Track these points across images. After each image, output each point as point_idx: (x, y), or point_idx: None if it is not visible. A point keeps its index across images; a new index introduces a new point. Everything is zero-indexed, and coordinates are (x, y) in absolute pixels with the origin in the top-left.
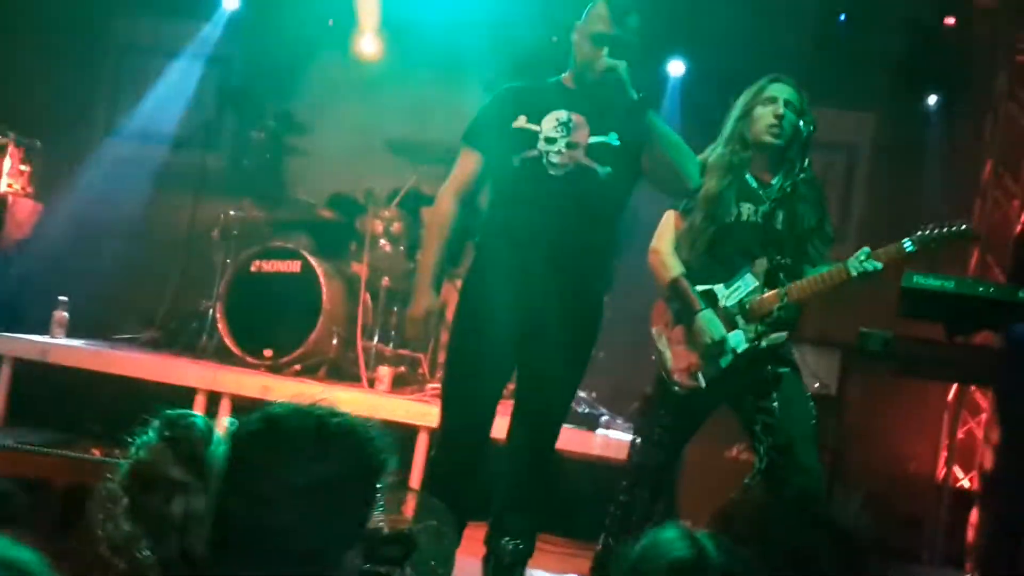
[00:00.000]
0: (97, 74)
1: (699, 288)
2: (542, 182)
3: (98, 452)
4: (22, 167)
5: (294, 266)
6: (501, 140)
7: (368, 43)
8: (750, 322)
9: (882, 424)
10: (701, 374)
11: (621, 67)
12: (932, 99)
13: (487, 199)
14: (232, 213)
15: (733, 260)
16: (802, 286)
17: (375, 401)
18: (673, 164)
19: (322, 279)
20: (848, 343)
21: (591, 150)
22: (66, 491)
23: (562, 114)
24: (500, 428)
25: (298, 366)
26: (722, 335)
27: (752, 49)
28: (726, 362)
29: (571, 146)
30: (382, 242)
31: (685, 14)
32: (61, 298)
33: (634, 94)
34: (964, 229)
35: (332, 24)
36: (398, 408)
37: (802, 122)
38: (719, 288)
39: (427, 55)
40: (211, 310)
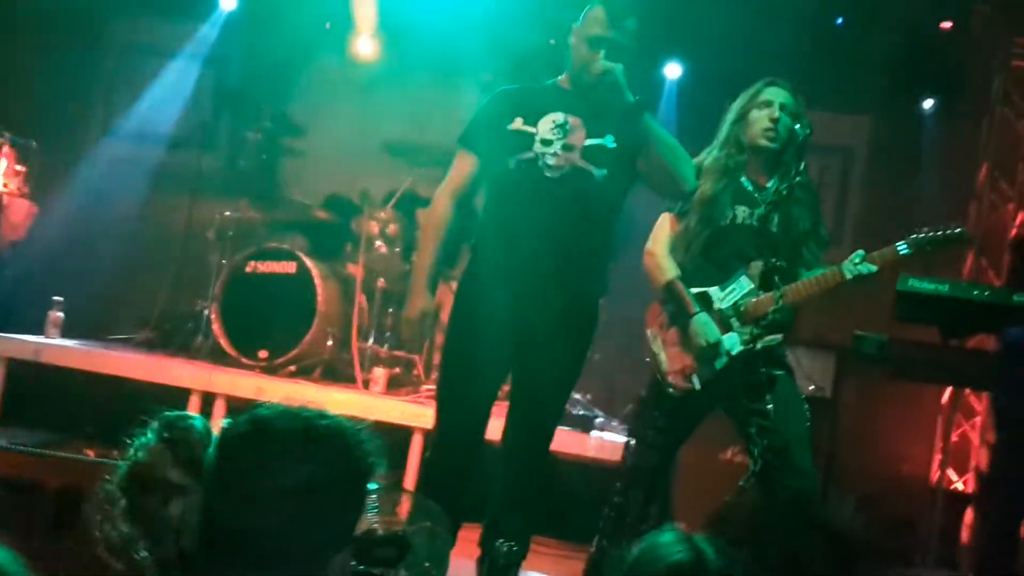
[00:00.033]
0: (94, 74)
1: (694, 290)
2: (538, 184)
3: (92, 453)
4: (17, 167)
5: (289, 267)
6: (497, 142)
7: (365, 45)
8: (745, 324)
9: (876, 426)
10: (696, 376)
11: (617, 70)
12: (928, 103)
13: (483, 201)
14: (228, 214)
15: (728, 263)
16: (797, 288)
17: (370, 402)
18: (669, 167)
19: (317, 280)
20: (843, 346)
21: (587, 152)
22: (60, 492)
23: (558, 116)
24: (495, 430)
25: (293, 367)
26: (717, 338)
27: (749, 52)
28: (721, 364)
29: (567, 148)
30: (378, 243)
31: (682, 17)
32: (56, 298)
33: (630, 96)
34: (959, 232)
35: (329, 26)
36: (393, 409)
37: (798, 125)
38: (714, 291)
39: (424, 57)
40: (206, 311)
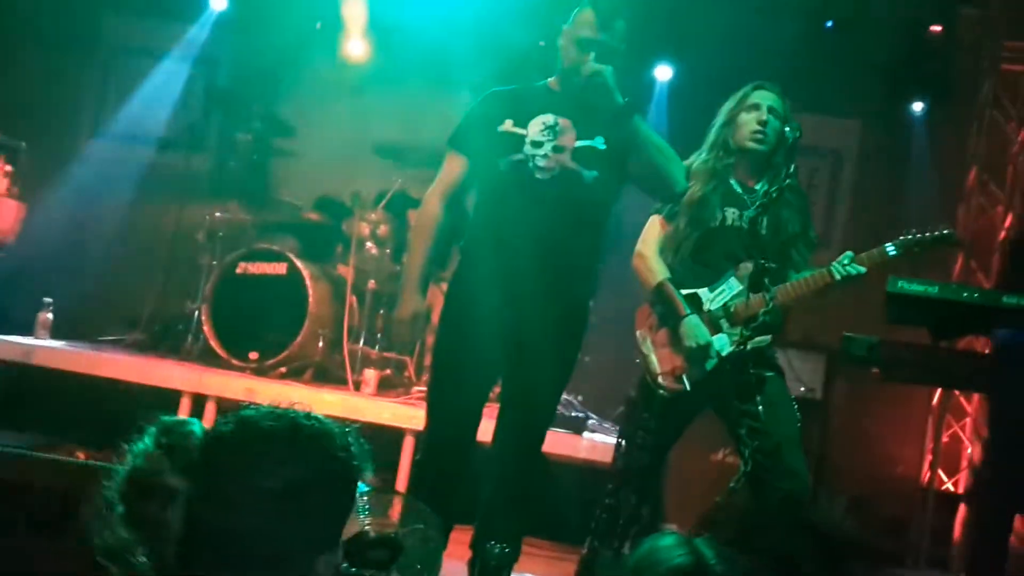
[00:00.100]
0: (83, 75)
1: (684, 292)
2: (528, 186)
3: (82, 455)
4: (6, 167)
5: (280, 268)
6: (487, 144)
7: (355, 46)
8: (735, 325)
9: (867, 428)
10: (686, 377)
11: (607, 71)
12: (918, 106)
13: (473, 203)
14: (218, 215)
15: (718, 264)
16: (787, 290)
17: (361, 404)
18: (659, 168)
19: (308, 281)
20: (833, 347)
21: (577, 154)
22: (49, 494)
23: (548, 118)
24: (486, 431)
25: (284, 369)
26: (707, 340)
27: (739, 54)
28: (711, 365)
29: (557, 150)
30: (368, 245)
31: (673, 19)
32: (45, 300)
33: (620, 98)
34: (947, 234)
35: (320, 27)
36: (384, 411)
37: (787, 128)
38: (703, 292)
39: (415, 58)
40: (196, 312)
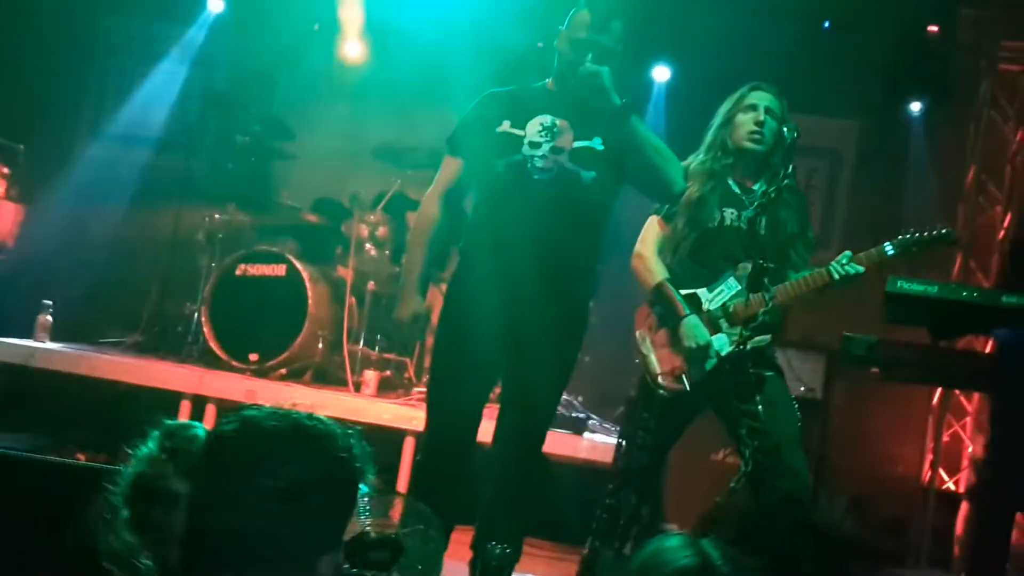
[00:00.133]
0: (81, 77)
1: (683, 292)
2: (526, 187)
3: (83, 457)
4: (5, 170)
5: (279, 270)
6: (485, 145)
7: (353, 47)
8: (734, 325)
9: (867, 427)
10: (685, 377)
11: (604, 72)
12: (916, 106)
13: (472, 204)
14: (217, 217)
15: (716, 264)
16: (786, 289)
17: (361, 405)
18: (657, 169)
19: (307, 283)
20: (833, 347)
21: (575, 154)
22: (50, 496)
23: (546, 119)
24: (486, 432)
25: (284, 370)
26: (707, 340)
27: (737, 55)
28: (710, 365)
29: (555, 151)
30: (367, 246)
31: (670, 20)
32: (45, 302)
33: (617, 99)
34: (945, 233)
35: (318, 28)
36: (384, 412)
37: (785, 129)
38: (702, 292)
39: (412, 60)
40: (196, 314)
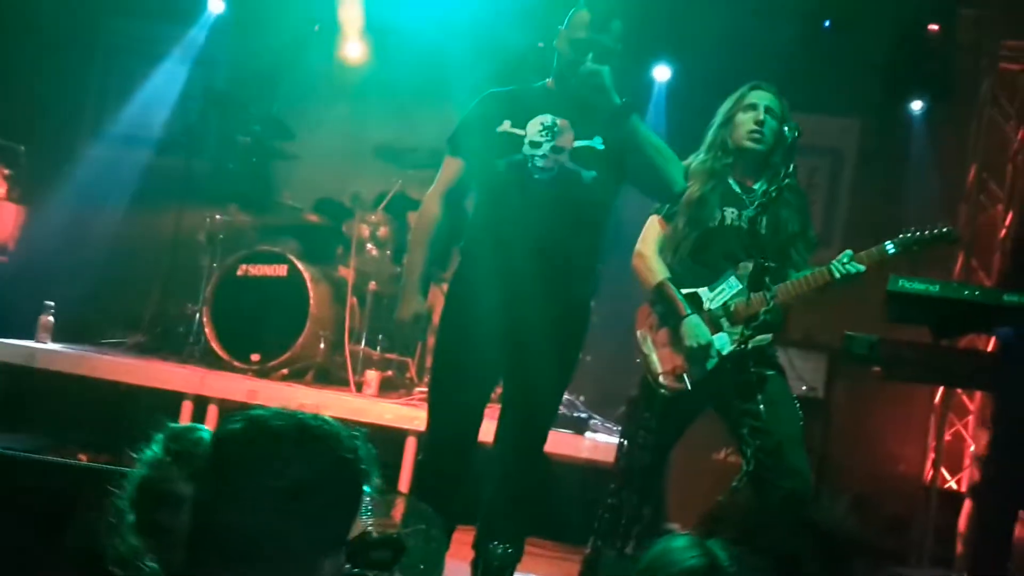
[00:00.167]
0: (82, 77)
1: (684, 291)
2: (527, 186)
3: (84, 457)
4: (6, 171)
5: (281, 270)
6: (486, 144)
7: (353, 48)
8: (735, 324)
9: (869, 426)
10: (687, 376)
11: (604, 72)
12: (917, 105)
13: (473, 203)
14: (218, 217)
15: (717, 264)
16: (788, 288)
17: (363, 405)
18: (657, 168)
19: (309, 283)
20: (834, 346)
21: (576, 154)
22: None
23: (547, 118)
24: (488, 432)
25: (285, 370)
26: (708, 339)
27: (738, 54)
28: (712, 364)
29: (556, 150)
30: (369, 246)
31: (671, 20)
32: (47, 302)
33: (617, 98)
34: (946, 232)
35: (318, 28)
36: (386, 412)
37: (787, 128)
38: (703, 291)
39: (412, 60)
40: (198, 314)
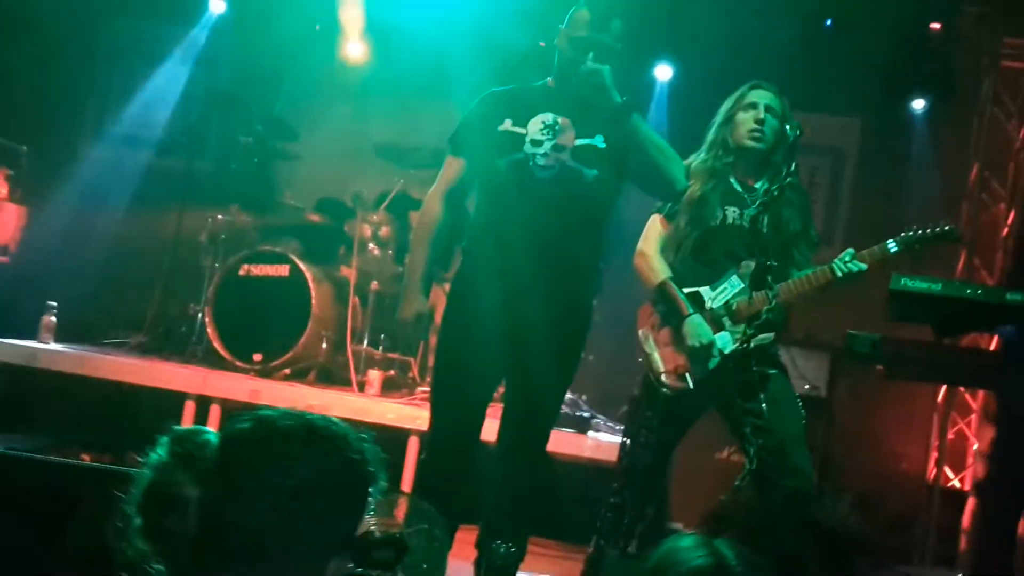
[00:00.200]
0: (85, 77)
1: (686, 290)
2: (529, 185)
3: (87, 457)
4: (8, 171)
5: (283, 270)
6: (487, 143)
7: (354, 48)
8: (737, 323)
9: (872, 425)
10: (689, 375)
11: (604, 70)
12: (918, 103)
13: (474, 203)
14: (220, 217)
15: (719, 263)
16: (789, 287)
17: (365, 405)
18: (658, 166)
19: (311, 283)
20: (837, 345)
21: (577, 152)
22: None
23: (548, 117)
24: (491, 431)
25: (287, 370)
26: (710, 339)
27: (740, 53)
28: (714, 363)
29: (557, 149)
30: (371, 246)
31: (672, 19)
32: (49, 303)
33: (617, 97)
34: (948, 230)
35: (319, 29)
36: (388, 411)
37: (788, 127)
38: (705, 290)
39: (413, 59)
40: (200, 314)
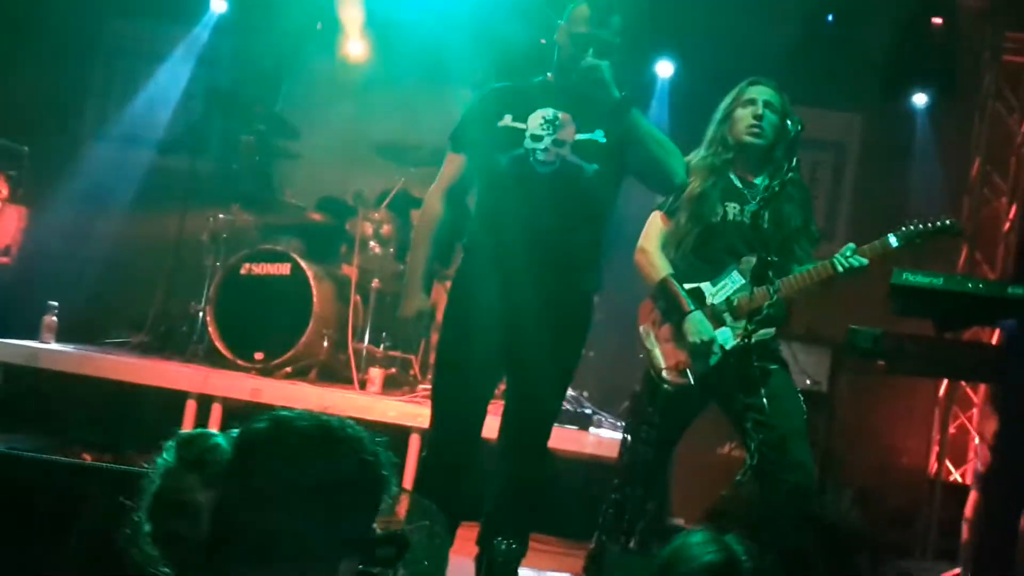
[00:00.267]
0: (87, 77)
1: (687, 286)
2: (529, 180)
3: (89, 457)
4: (9, 172)
5: (284, 269)
6: (488, 140)
7: (354, 46)
8: (738, 319)
9: (873, 420)
10: (690, 371)
11: (604, 66)
12: (920, 98)
13: (475, 199)
14: (221, 216)
15: (720, 259)
16: (791, 283)
17: (366, 403)
18: (658, 161)
19: (312, 281)
20: (838, 340)
21: (577, 147)
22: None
23: (548, 112)
24: (492, 428)
25: (289, 368)
26: (711, 335)
27: (741, 49)
28: (715, 359)
29: (558, 143)
30: (372, 244)
31: (674, 15)
32: (50, 303)
33: (617, 93)
34: (950, 224)
35: (320, 27)
36: (389, 409)
37: (789, 122)
38: (706, 286)
39: (414, 57)
40: (201, 313)
